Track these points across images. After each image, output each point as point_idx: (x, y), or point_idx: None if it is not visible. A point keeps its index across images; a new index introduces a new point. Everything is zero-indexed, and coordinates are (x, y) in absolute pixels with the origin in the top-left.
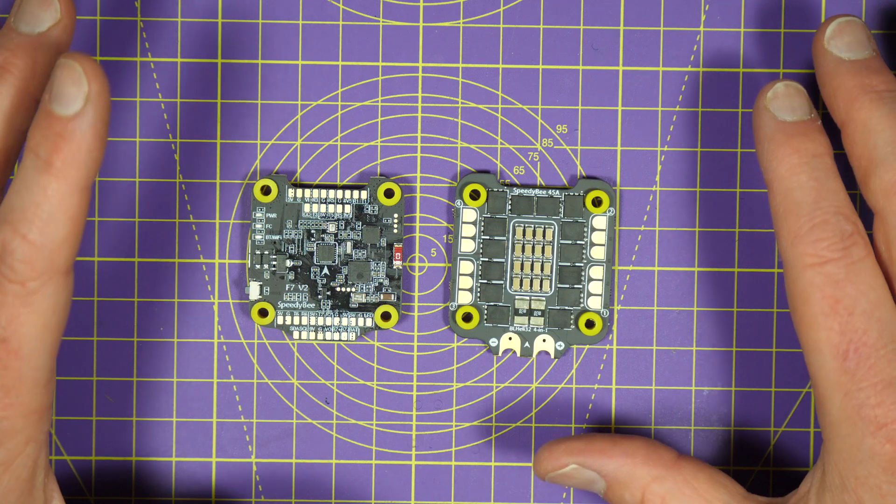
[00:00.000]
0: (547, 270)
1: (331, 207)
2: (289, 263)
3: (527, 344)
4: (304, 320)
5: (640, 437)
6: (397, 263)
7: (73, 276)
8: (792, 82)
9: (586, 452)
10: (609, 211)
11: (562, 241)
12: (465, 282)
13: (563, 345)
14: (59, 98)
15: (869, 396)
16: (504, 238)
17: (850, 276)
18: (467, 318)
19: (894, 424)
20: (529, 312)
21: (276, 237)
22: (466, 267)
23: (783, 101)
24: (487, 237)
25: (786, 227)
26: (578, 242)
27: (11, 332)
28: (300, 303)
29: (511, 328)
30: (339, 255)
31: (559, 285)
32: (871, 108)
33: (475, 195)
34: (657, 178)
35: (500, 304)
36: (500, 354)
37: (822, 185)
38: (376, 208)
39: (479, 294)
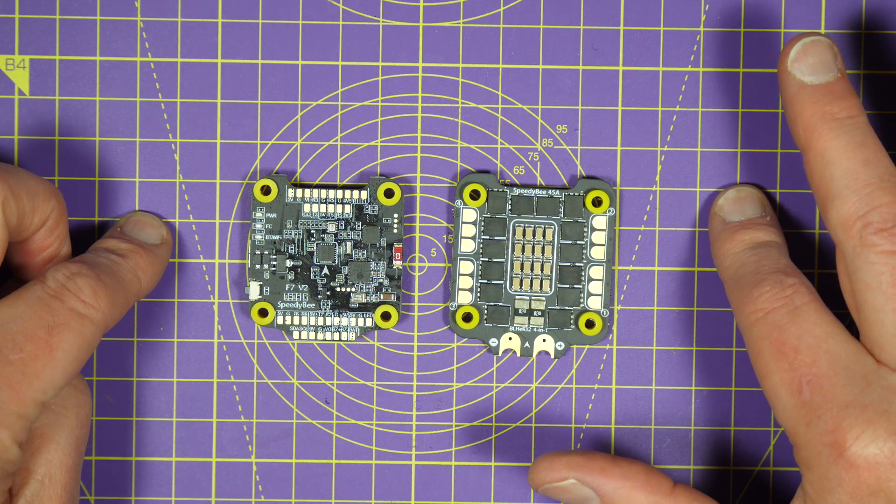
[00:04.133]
0: (547, 270)
1: (331, 207)
2: (289, 263)
3: (527, 344)
4: (304, 320)
5: (638, 461)
6: (397, 263)
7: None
8: (743, 188)
9: (586, 469)
10: (609, 211)
11: (562, 241)
12: (465, 282)
13: (563, 345)
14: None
15: (827, 422)
16: (504, 238)
17: (793, 319)
18: (467, 318)
19: (853, 447)
20: (529, 312)
21: (276, 237)
22: (466, 267)
23: (733, 206)
24: (487, 237)
25: (734, 299)
26: (578, 242)
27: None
28: (300, 303)
29: (511, 328)
30: (339, 255)
31: (559, 285)
32: (830, 138)
33: (475, 195)
34: (657, 178)
35: (500, 304)
36: (500, 354)
37: (763, 257)
38: (376, 208)
39: (479, 294)
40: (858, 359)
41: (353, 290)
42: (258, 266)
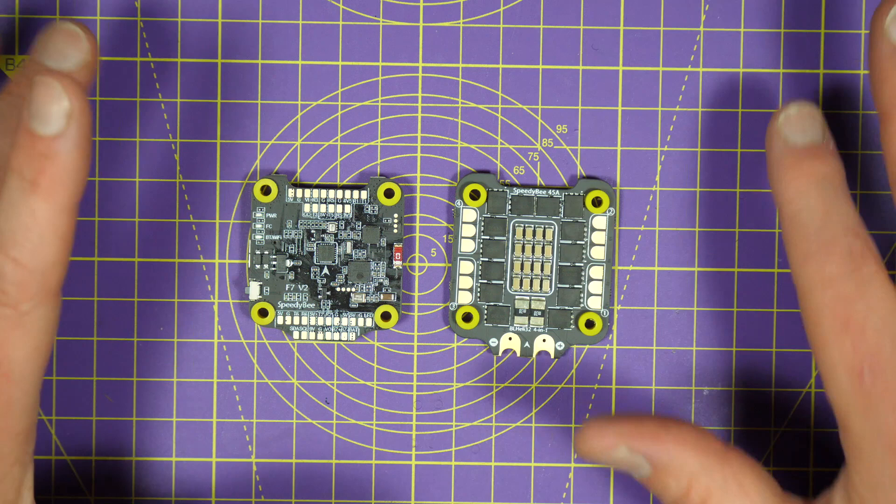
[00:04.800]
0: (547, 270)
1: (331, 207)
2: (289, 263)
3: (527, 344)
4: (304, 320)
5: (687, 423)
6: (397, 263)
7: (61, 298)
8: (805, 104)
9: (637, 436)
10: (609, 211)
11: (562, 241)
12: (465, 282)
13: (563, 345)
14: (40, 117)
15: (887, 418)
16: (504, 238)
17: (860, 292)
18: (467, 318)
19: None
20: (529, 312)
21: (276, 237)
22: (466, 267)
23: (795, 125)
24: (487, 237)
25: (795, 250)
26: (578, 242)
27: (3, 356)
28: (300, 303)
29: (511, 328)
30: (339, 255)
31: (559, 285)
32: None
33: (475, 195)
34: (657, 178)
35: (500, 304)
36: (500, 354)
37: (831, 205)
38: (376, 208)
39: (479, 294)
40: None
41: (353, 290)
42: (258, 266)
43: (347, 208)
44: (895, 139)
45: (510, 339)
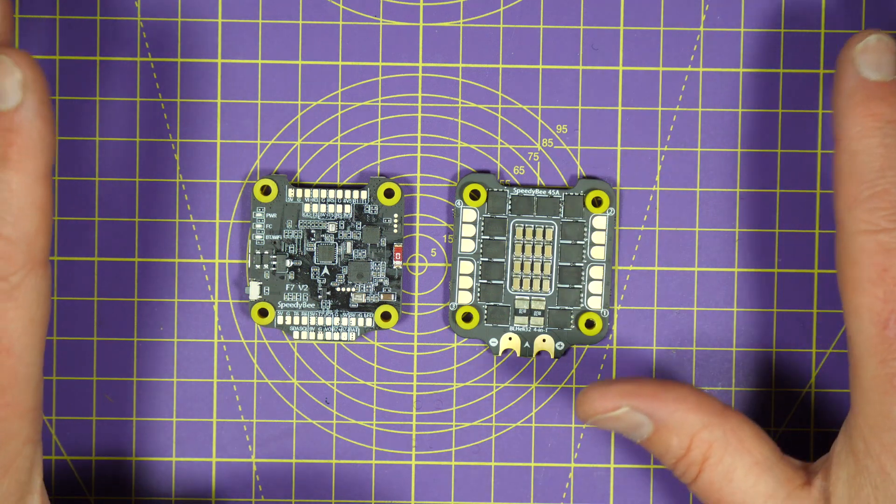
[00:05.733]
0: (547, 270)
1: (331, 207)
2: (289, 263)
3: (527, 344)
4: (304, 320)
5: (686, 384)
6: (397, 263)
7: (49, 267)
8: (886, 36)
9: (639, 396)
10: (609, 211)
11: (562, 241)
12: (465, 282)
13: (563, 345)
14: None
15: None
16: (504, 238)
17: None
18: (467, 318)
19: None
20: (529, 312)
21: (276, 237)
22: (466, 267)
23: (871, 56)
24: (487, 237)
25: (845, 190)
26: (578, 242)
27: (1, 330)
28: (300, 303)
29: (511, 328)
30: (339, 255)
31: (559, 285)
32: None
33: (475, 195)
34: (657, 178)
35: (500, 304)
36: (500, 354)
37: (891, 152)
38: (376, 208)
39: (479, 294)
40: None
41: (353, 290)
42: (258, 266)
43: (347, 208)
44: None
45: (510, 339)
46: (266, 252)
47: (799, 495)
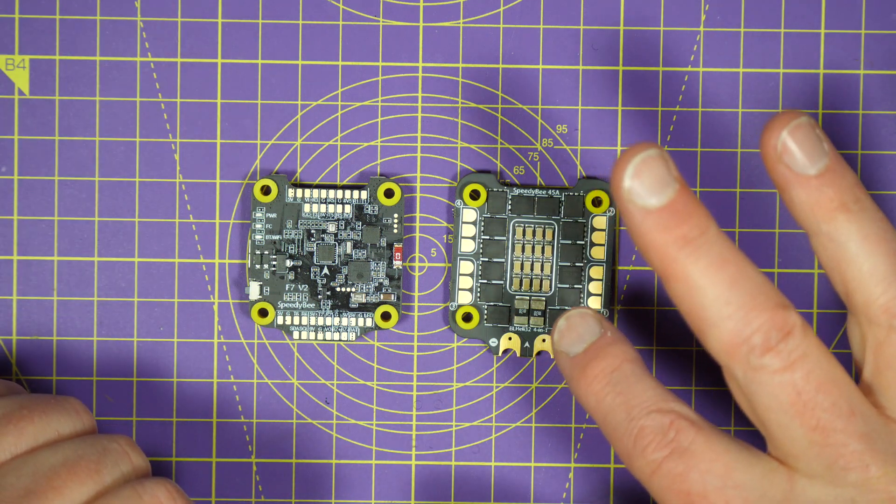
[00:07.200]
0: (547, 270)
1: (331, 207)
2: (289, 263)
3: (527, 344)
4: (304, 320)
5: None
6: (397, 263)
7: None
8: (572, 312)
9: None
10: (609, 211)
11: (562, 241)
12: (465, 282)
13: None
14: None
15: None
16: (504, 238)
17: (688, 463)
18: (467, 318)
19: None
20: (529, 312)
21: (276, 237)
22: (466, 267)
23: (567, 337)
24: (487, 237)
25: (617, 449)
26: (578, 242)
27: None
28: (300, 303)
29: (511, 328)
30: (339, 255)
31: (559, 285)
32: (688, 263)
33: (475, 195)
34: None
35: (500, 304)
36: (500, 354)
37: (629, 395)
38: (376, 208)
39: (479, 294)
40: (770, 480)
41: (353, 290)
42: (258, 266)
43: (347, 208)
44: (683, 296)
45: (510, 339)
46: (266, 252)
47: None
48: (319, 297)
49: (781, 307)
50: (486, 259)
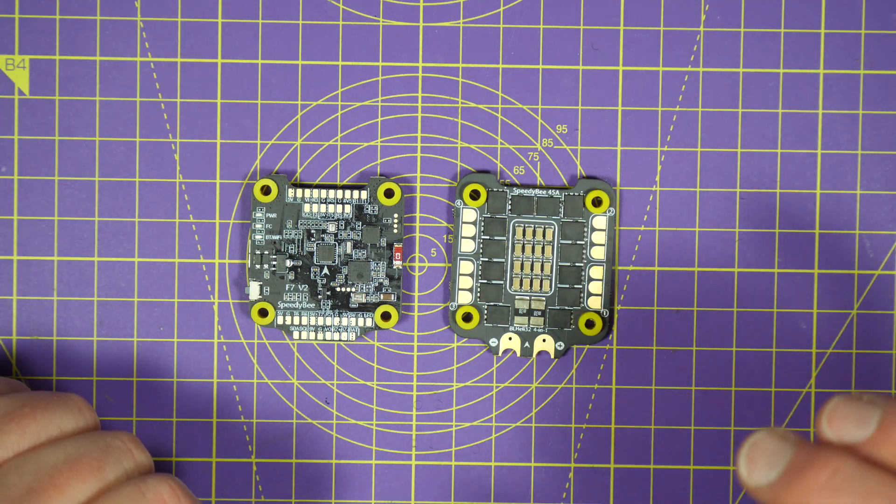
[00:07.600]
0: (547, 270)
1: (331, 207)
2: (289, 263)
3: (527, 344)
4: (304, 320)
5: None
6: (397, 263)
7: None
8: (752, 439)
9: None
10: (609, 211)
11: (562, 241)
12: (465, 282)
13: (563, 345)
14: None
15: None
16: (504, 238)
17: None
18: (467, 318)
19: None
20: (529, 312)
21: (276, 237)
22: (466, 267)
23: (758, 462)
24: (487, 237)
25: None
26: (578, 242)
27: None
28: (300, 303)
29: (511, 328)
30: (339, 255)
31: (559, 285)
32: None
33: (475, 195)
34: (657, 178)
35: (500, 304)
36: (500, 354)
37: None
38: (376, 208)
39: (479, 294)
40: None
41: (353, 290)
42: (258, 266)
43: (347, 208)
44: None
45: (510, 339)
46: (266, 252)
47: None
48: (319, 297)
49: None
50: (486, 259)
